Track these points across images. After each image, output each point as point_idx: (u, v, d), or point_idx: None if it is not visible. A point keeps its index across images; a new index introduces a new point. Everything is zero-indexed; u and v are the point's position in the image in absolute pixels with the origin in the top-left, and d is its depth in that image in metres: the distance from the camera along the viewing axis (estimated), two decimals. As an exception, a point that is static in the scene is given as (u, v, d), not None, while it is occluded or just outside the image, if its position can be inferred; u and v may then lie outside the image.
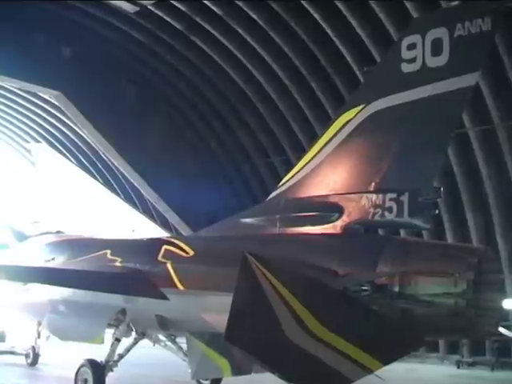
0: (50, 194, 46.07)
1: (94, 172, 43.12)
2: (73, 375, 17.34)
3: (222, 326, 13.23)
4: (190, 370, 16.20)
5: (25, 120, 44.54)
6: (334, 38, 28.98)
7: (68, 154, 43.91)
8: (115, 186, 42.25)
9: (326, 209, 12.53)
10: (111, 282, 15.47)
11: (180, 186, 36.77)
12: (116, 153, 37.58)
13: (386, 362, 10.35)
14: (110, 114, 36.50)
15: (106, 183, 42.62)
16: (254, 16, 30.43)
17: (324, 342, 9.82)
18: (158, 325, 15.52)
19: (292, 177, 13.69)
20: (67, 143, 43.37)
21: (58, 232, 21.97)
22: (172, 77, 37.81)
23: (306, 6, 28.39)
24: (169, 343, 17.98)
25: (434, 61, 11.12)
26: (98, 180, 43.15)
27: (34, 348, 22.00)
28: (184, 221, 38.02)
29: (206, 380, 17.79)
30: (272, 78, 33.49)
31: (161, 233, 37.94)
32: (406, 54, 11.51)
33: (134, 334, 17.17)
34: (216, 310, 13.01)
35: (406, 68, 11.49)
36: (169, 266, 14.65)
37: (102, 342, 15.83)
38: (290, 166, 34.74)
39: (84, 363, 15.89)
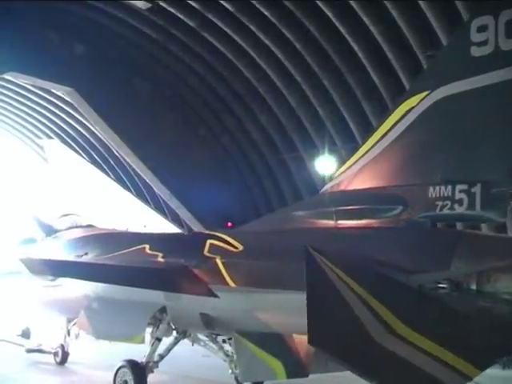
0: (63, 189, 46.17)
1: (106, 168, 43.23)
2: (104, 374, 16.98)
3: (276, 325, 12.76)
4: (230, 371, 16.08)
5: (37, 116, 44.62)
6: (347, 36, 28.95)
7: (80, 151, 44.03)
8: (127, 182, 42.36)
9: (388, 201, 11.83)
10: (157, 278, 14.80)
11: (192, 183, 36.81)
12: (128, 149, 37.68)
13: (479, 366, 9.54)
14: (122, 110, 36.60)
15: (119, 179, 42.72)
16: (267, 13, 30.43)
17: (411, 344, 9.23)
18: (203, 324, 14.70)
19: (348, 168, 12.73)
20: (80, 140, 43.48)
21: (89, 226, 21.21)
22: (185, 74, 37.87)
23: (318, 3, 28.39)
24: (209, 343, 17.17)
25: (509, 43, 10.30)
26: (110, 176, 43.27)
27: (63, 346, 21.18)
28: (196, 217, 38.06)
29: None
30: (284, 75, 33.55)
31: (173, 229, 38.10)
32: (475, 37, 10.68)
33: (174, 333, 16.42)
34: (270, 308, 12.55)
35: (476, 52, 10.67)
36: (218, 261, 13.86)
37: (143, 342, 15.23)
38: (301, 163, 35.49)
39: (123, 364, 15.24)
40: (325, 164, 33.62)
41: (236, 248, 13.91)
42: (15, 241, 22.77)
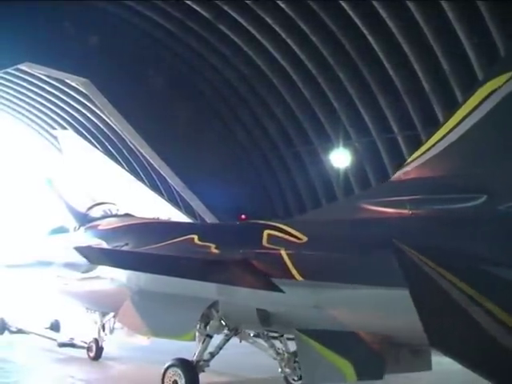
0: (76, 179, 46.12)
1: (120, 159, 43.33)
2: (141, 370, 16.53)
3: (347, 322, 11.50)
4: (280, 370, 15.31)
5: (52, 107, 44.71)
6: (363, 29, 28.87)
7: (94, 141, 44.15)
8: (141, 173, 42.46)
9: (470, 190, 10.54)
10: (214, 270, 13.70)
11: (206, 175, 36.80)
12: (143, 141, 37.73)
13: None
14: (137, 102, 36.57)
15: (132, 171, 42.82)
16: (283, 5, 30.34)
17: None
18: (260, 320, 13.25)
19: (423, 154, 11.38)
20: (94, 130, 43.60)
21: (127, 215, 19.68)
22: (200, 66, 37.86)
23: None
24: (259, 340, 15.93)
25: None
26: (123, 167, 43.37)
27: (97, 341, 19.85)
28: (210, 209, 38.09)
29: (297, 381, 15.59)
30: (300, 68, 33.47)
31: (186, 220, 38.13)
32: None
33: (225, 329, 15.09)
34: (341, 303, 11.56)
35: None
36: (282, 253, 12.51)
37: (193, 340, 14.14)
38: (316, 156, 35.48)
39: (173, 363, 13.99)
40: (339, 157, 33.64)
41: (299, 239, 12.65)
42: (43, 231, 21.62)
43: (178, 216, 40.22)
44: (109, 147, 43.45)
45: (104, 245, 17.44)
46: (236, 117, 39.20)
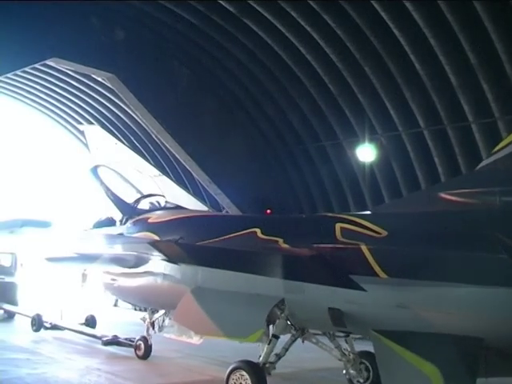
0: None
1: (145, 154, 43.45)
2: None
3: (435, 323, 10.73)
4: (344, 371, 15.19)
5: (78, 102, 44.98)
6: (388, 22, 28.62)
7: (120, 136, 44.30)
8: (167, 168, 42.56)
9: None
10: (286, 266, 13.00)
11: (231, 169, 36.94)
12: (168, 135, 37.78)
13: None
14: (162, 96, 36.75)
15: (158, 165, 42.87)
16: (308, -2, 30.22)
17: None
18: (332, 320, 12.49)
19: (510, 143, 10.61)
20: (120, 125, 43.82)
21: (178, 207, 19.39)
22: (224, 59, 37.82)
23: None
24: (324, 340, 15.26)
25: None
26: (149, 162, 43.42)
27: (145, 339, 19.27)
28: (235, 203, 38.12)
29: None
30: (324, 62, 33.32)
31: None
32: None
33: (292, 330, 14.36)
34: (429, 303, 10.79)
35: None
36: (363, 248, 11.61)
37: (260, 340, 13.34)
38: (341, 150, 35.34)
39: (239, 365, 13.20)
40: (364, 151, 33.51)
41: (378, 233, 11.88)
42: (88, 224, 21.07)
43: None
44: (134, 142, 43.64)
45: (157, 238, 16.66)
46: (260, 110, 39.15)
